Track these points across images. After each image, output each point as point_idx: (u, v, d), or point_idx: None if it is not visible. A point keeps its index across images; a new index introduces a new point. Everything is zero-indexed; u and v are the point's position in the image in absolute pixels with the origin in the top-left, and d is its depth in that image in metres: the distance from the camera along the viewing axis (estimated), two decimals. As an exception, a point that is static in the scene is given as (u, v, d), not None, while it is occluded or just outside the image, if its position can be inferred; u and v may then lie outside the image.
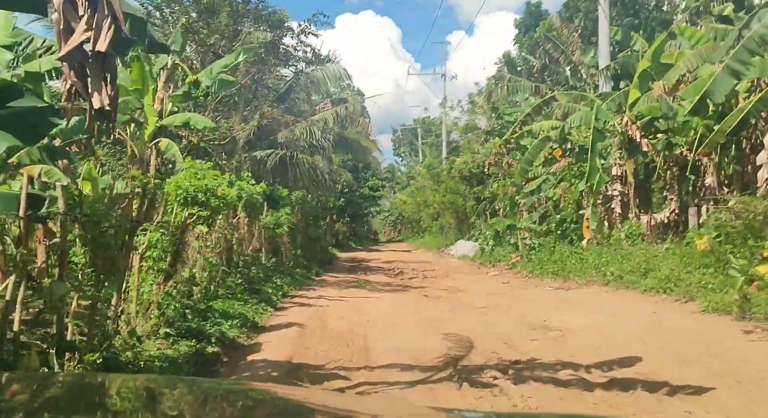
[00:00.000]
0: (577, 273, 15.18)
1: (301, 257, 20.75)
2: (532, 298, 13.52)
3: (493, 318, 10.27)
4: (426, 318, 10.29)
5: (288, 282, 14.74)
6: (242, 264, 10.88)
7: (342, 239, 42.76)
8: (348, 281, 18.06)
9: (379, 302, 12.71)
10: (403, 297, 14.15)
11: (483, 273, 21.63)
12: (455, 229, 36.88)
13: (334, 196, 35.27)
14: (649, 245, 13.63)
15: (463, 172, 33.34)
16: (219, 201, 7.56)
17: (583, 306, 11.26)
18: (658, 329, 8.62)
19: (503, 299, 13.62)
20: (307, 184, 20.57)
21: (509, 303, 12.78)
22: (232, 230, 10.26)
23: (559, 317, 10.19)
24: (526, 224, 22.40)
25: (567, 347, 7.66)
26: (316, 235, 23.48)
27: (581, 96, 17.10)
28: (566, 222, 17.89)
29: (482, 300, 13.64)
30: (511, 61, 37.00)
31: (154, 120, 9.90)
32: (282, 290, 12.85)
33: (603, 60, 18.31)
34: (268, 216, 13.93)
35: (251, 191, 9.76)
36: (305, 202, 21.59)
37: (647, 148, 14.25)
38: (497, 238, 25.86)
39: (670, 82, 13.12)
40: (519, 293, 14.69)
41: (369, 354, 7.37)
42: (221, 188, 7.56)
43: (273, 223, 13.52)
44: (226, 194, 7.59)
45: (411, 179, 57.47)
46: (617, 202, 14.96)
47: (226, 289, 9.56)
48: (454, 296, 14.73)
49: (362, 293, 14.82)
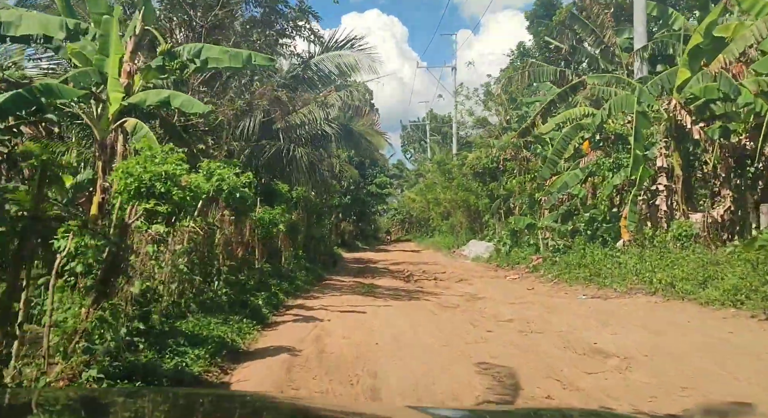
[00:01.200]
0: (614, 279, 13.30)
1: (303, 258, 18.97)
2: (565, 309, 11.67)
3: (530, 338, 8.42)
4: (446, 337, 8.46)
5: (285, 289, 12.94)
6: (227, 270, 9.09)
7: (348, 238, 40.98)
8: (353, 286, 16.26)
9: (390, 315, 10.90)
10: (416, 307, 12.34)
11: (501, 277, 19.80)
12: (466, 228, 35.22)
13: (340, 194, 33.43)
14: (705, 248, 11.72)
15: (476, 168, 31.61)
16: (185, 193, 5.74)
17: (633, 321, 9.39)
18: (750, 357, 6.74)
19: (532, 310, 11.79)
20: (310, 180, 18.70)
21: (540, 315, 10.94)
22: (213, 229, 8.45)
23: (609, 335, 8.34)
24: (548, 223, 20.54)
25: (639, 385, 5.82)
26: (319, 234, 21.67)
27: (617, 79, 15.16)
28: (597, 221, 15.99)
29: (507, 310, 11.83)
30: (525, 52, 35.18)
31: (118, 97, 8.10)
32: (277, 298, 11.02)
33: (639, 40, 16.37)
34: (260, 214, 12.14)
35: (235, 183, 7.95)
36: (308, 199, 19.77)
37: (698, 135, 12.32)
38: (514, 238, 23.99)
39: (731, 55, 11.18)
40: (548, 301, 12.84)
41: (379, 396, 5.55)
42: (187, 177, 5.74)
43: (267, 221, 11.75)
44: (194, 184, 5.78)
45: (420, 177, 55.71)
46: (662, 198, 13.02)
47: (201, 303, 7.74)
48: (473, 304, 12.92)
49: (369, 301, 13.01)
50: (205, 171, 8.02)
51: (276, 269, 14.10)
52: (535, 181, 22.37)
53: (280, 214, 12.69)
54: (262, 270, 12.38)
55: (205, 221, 7.97)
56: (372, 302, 13.01)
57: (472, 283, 17.88)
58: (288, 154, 15.54)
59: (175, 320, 6.66)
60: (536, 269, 19.35)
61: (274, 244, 14.06)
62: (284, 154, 15.53)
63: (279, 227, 12.57)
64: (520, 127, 23.95)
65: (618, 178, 13.55)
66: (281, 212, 12.79)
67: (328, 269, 20.74)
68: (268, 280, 12.06)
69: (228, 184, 8.00)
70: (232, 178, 8.15)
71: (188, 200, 5.79)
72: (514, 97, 26.70)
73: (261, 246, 12.64)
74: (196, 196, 5.97)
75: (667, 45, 16.59)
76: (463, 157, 35.30)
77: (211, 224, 8.23)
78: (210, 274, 8.40)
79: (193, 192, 5.88)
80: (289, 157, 15.54)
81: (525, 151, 24.15)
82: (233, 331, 7.44)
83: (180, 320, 6.74)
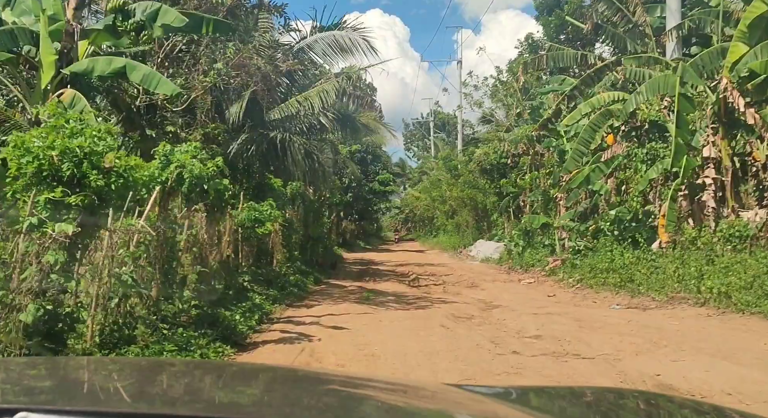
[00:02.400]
0: (651, 286, 11.62)
1: (299, 260, 17.31)
2: (600, 322, 10.00)
3: (570, 366, 6.71)
4: (467, 365, 6.77)
5: (274, 296, 11.26)
6: (197, 279, 7.37)
7: (349, 237, 39.32)
8: (353, 292, 14.58)
9: (395, 331, 9.23)
10: (425, 319, 10.67)
11: (515, 280, 18.13)
12: (473, 227, 33.57)
13: (341, 191, 31.72)
14: (766, 251, 9.99)
15: (483, 165, 30.01)
16: (112, 179, 4.08)
17: (693, 342, 7.69)
18: None
19: (560, 323, 10.13)
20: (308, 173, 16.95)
21: (573, 331, 9.29)
22: (172, 228, 6.71)
23: (670, 362, 6.66)
24: (564, 222, 18.84)
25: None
26: (317, 234, 19.97)
27: (654, 59, 13.39)
28: (624, 220, 14.27)
29: (531, 323, 10.18)
30: (535, 44, 33.56)
31: (51, 61, 6.42)
32: (261, 311, 9.30)
33: (672, 18, 14.63)
34: (244, 211, 10.45)
35: (201, 171, 6.26)
36: (305, 196, 18.09)
37: (753, 120, 10.57)
38: (527, 238, 22.28)
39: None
40: (576, 312, 11.16)
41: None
42: (111, 157, 4.06)
43: (250, 220, 10.08)
44: (122, 167, 4.10)
45: (423, 174, 54.00)
46: (710, 193, 11.24)
47: (158, 322, 6.02)
48: (490, 315, 11.26)
49: (370, 311, 11.34)
50: (161, 156, 6.33)
51: (266, 274, 12.43)
52: (551, 177, 20.71)
53: (268, 211, 10.96)
54: (244, 277, 10.68)
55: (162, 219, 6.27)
56: (374, 312, 11.34)
57: (484, 288, 16.21)
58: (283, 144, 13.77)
59: (110, 351, 4.98)
60: (554, 273, 17.66)
61: (263, 245, 12.37)
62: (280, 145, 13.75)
63: (266, 227, 10.86)
64: (533, 119, 22.29)
65: (654, 171, 11.82)
66: (270, 209, 11.06)
67: (326, 272, 19.06)
68: (254, 287, 10.37)
69: (190, 172, 6.30)
70: (197, 165, 6.45)
71: (115, 189, 4.07)
72: (527, 87, 24.95)
73: (244, 248, 10.96)
74: (128, 185, 4.24)
75: (704, 23, 14.84)
76: (470, 153, 33.62)
77: (171, 223, 6.53)
78: (172, 284, 6.70)
79: (125, 179, 4.16)
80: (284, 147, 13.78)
81: (539, 144, 22.44)
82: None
83: (115, 351, 5.04)
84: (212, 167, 6.63)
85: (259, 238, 11.49)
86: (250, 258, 11.00)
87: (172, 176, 6.32)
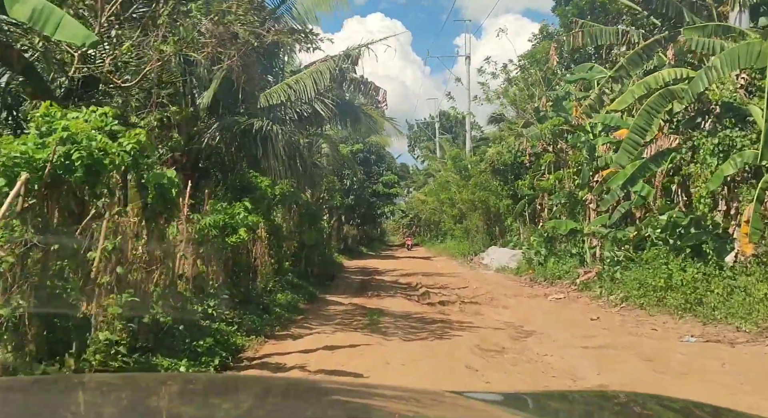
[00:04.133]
0: (731, 312, 9.15)
1: (291, 272, 14.88)
2: (678, 362, 7.60)
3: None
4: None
5: (252, 324, 8.81)
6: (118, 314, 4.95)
7: (351, 243, 36.85)
8: (353, 313, 12.15)
9: (407, 379, 6.79)
10: (444, 353, 8.29)
11: (540, 295, 15.70)
12: (483, 232, 31.09)
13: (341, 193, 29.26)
14: None
15: (496, 165, 27.63)
16: None
17: None
18: None
19: (623, 362, 7.77)
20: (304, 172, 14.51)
21: (646, 377, 6.96)
22: (46, 240, 4.23)
23: None
24: (597, 229, 16.38)
25: None
26: (313, 241, 17.51)
27: (726, 28, 10.89)
28: (680, 226, 11.81)
29: (583, 362, 7.83)
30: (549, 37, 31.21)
31: None
32: (226, 350, 6.84)
33: (737, -17, 12.22)
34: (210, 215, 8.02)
35: (105, 147, 3.86)
36: (297, 196, 15.66)
37: None
38: (549, 245, 19.81)
39: None
40: (638, 345, 8.73)
41: None
42: None
43: (216, 226, 7.64)
44: None
45: (429, 177, 51.48)
46: (811, 193, 8.80)
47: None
48: (525, 347, 8.87)
49: (374, 343, 8.90)
50: (39, 125, 3.90)
51: (245, 293, 9.99)
52: (578, 176, 18.25)
53: (242, 215, 8.50)
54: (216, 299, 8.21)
55: (34, 226, 3.87)
56: (378, 343, 8.90)
57: (507, 305, 13.77)
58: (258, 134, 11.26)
59: None
60: (587, 287, 15.21)
61: (240, 258, 9.92)
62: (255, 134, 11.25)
63: (240, 235, 8.40)
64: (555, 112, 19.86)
65: (731, 165, 9.36)
66: (243, 213, 8.60)
67: (323, 285, 16.62)
68: (222, 315, 7.90)
69: (86, 150, 3.86)
70: (100, 139, 4.02)
71: None
72: (549, 78, 22.52)
73: (216, 263, 8.52)
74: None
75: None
76: (481, 153, 31.19)
77: (49, 229, 4.08)
78: (65, 329, 4.27)
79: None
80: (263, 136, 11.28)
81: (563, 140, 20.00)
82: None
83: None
84: (130, 143, 4.19)
85: (234, 249, 9.04)
86: (221, 276, 8.55)
87: (59, 157, 3.87)
